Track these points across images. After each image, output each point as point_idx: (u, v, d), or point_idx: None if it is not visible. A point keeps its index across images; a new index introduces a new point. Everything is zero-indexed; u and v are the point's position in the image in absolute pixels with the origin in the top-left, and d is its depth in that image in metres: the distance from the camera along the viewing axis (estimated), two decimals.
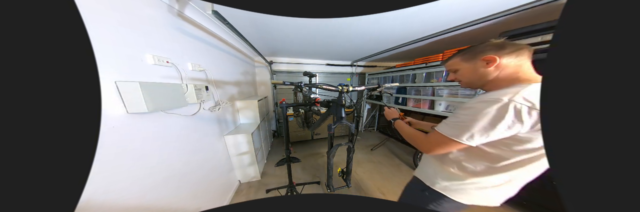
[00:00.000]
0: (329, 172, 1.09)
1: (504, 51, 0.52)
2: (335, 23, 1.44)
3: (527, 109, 0.44)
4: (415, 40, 1.81)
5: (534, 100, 0.44)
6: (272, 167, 2.27)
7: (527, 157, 0.50)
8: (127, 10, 0.72)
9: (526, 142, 0.48)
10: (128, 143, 0.69)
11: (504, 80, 0.54)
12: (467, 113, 0.51)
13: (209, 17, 1.24)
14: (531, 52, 0.53)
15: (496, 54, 0.53)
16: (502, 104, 0.45)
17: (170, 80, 0.94)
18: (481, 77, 0.57)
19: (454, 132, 0.52)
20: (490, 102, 0.47)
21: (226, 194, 1.61)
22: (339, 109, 0.97)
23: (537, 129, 0.45)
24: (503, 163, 0.53)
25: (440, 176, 0.68)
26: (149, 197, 0.79)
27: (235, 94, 1.94)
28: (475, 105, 0.50)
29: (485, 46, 0.56)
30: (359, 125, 3.76)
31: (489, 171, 0.57)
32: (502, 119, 0.45)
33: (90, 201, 0.57)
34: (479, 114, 0.48)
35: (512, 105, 0.44)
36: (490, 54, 0.53)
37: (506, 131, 0.47)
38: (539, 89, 0.45)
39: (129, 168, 0.70)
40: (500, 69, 0.54)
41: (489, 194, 0.62)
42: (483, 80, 0.58)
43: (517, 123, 0.45)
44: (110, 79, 0.63)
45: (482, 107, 0.48)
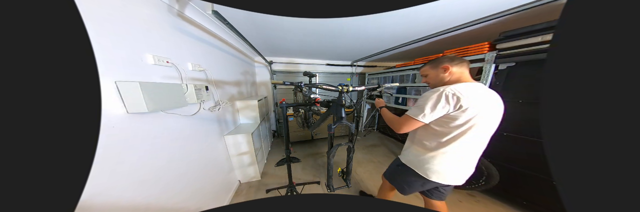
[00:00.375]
0: (329, 172, 1.09)
1: (454, 62, 0.79)
2: (335, 23, 1.44)
3: (451, 95, 0.69)
4: (415, 40, 1.81)
5: (456, 90, 0.70)
6: (272, 167, 2.27)
7: (458, 132, 0.75)
8: (127, 10, 0.72)
9: (455, 120, 0.72)
10: (128, 143, 0.69)
11: (453, 82, 0.79)
12: (422, 100, 0.76)
13: (209, 17, 1.24)
14: (469, 64, 0.82)
15: (449, 64, 0.79)
16: (439, 92, 0.72)
17: (170, 81, 0.94)
18: (441, 79, 0.83)
19: (415, 112, 0.76)
20: (434, 91, 0.73)
21: (226, 194, 1.61)
22: (339, 109, 0.97)
23: (459, 109, 0.70)
24: (446, 138, 0.77)
25: (409, 154, 0.93)
26: (148, 197, 0.79)
27: (235, 94, 1.94)
28: (427, 94, 0.75)
29: (443, 58, 0.82)
30: (359, 125, 3.76)
31: (438, 146, 0.80)
32: (439, 101, 0.71)
33: (90, 201, 0.57)
34: (428, 99, 0.73)
35: (443, 92, 0.71)
36: (446, 64, 0.80)
37: (442, 110, 0.71)
38: (466, 86, 0.73)
39: (128, 168, 0.70)
40: (451, 74, 0.80)
41: (446, 171, 0.83)
42: (442, 82, 0.83)
43: (446, 104, 0.70)
44: (110, 79, 0.63)
45: (429, 95, 0.73)
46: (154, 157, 0.82)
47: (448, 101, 0.70)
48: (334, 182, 1.14)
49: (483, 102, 0.72)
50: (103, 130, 0.59)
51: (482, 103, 0.71)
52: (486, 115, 0.73)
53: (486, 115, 0.73)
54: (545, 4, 1.03)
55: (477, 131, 0.75)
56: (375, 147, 2.98)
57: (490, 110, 0.74)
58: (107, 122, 0.62)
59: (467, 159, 0.83)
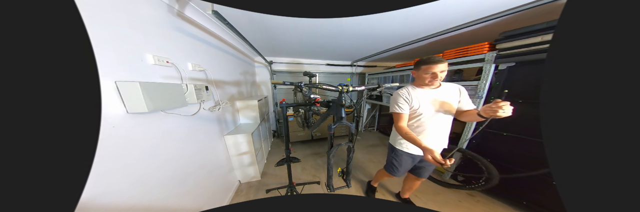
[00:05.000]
0: (329, 172, 1.09)
1: (417, 67, 1.02)
2: (335, 23, 1.44)
3: (406, 95, 1.06)
4: (415, 40, 1.81)
5: (408, 91, 1.07)
6: (272, 167, 2.27)
7: (417, 123, 1.08)
8: (127, 10, 0.72)
9: (415, 114, 1.07)
10: (128, 143, 0.69)
11: (416, 83, 1.10)
12: (392, 98, 1.12)
13: (209, 17, 1.24)
14: (425, 70, 0.98)
15: (414, 69, 1.06)
16: (397, 92, 1.09)
17: (171, 81, 0.94)
18: (415, 79, 1.10)
19: (391, 108, 1.11)
20: (396, 93, 1.10)
21: (226, 194, 1.61)
22: (339, 109, 0.97)
23: (413, 107, 1.05)
24: (413, 127, 1.10)
25: (393, 137, 1.26)
26: (148, 197, 0.79)
27: (235, 94, 1.94)
28: (394, 94, 1.11)
29: (416, 63, 1.03)
30: (359, 125, 3.76)
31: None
32: (399, 98, 1.07)
33: (90, 201, 0.57)
34: (393, 98, 1.11)
35: (400, 92, 1.08)
36: (413, 69, 1.07)
37: (404, 105, 1.05)
38: (415, 87, 1.08)
39: (128, 168, 0.70)
40: (415, 76, 1.07)
41: (406, 142, 1.17)
42: (416, 81, 1.10)
43: (405, 101, 1.05)
44: (110, 79, 0.63)
45: (394, 95, 1.11)
46: (154, 157, 0.82)
47: (405, 99, 1.07)
48: (334, 182, 1.14)
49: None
50: (103, 130, 0.59)
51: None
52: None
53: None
54: (545, 4, 1.03)
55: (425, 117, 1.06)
56: (375, 147, 2.98)
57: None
58: (107, 122, 0.62)
59: (423, 136, 1.11)
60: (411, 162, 1.24)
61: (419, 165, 1.28)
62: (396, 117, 1.08)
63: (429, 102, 1.04)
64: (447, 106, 1.04)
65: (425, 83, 1.02)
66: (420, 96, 1.04)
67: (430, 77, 0.98)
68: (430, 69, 0.95)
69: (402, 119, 1.05)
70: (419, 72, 1.02)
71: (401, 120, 1.05)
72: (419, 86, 1.08)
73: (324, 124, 1.29)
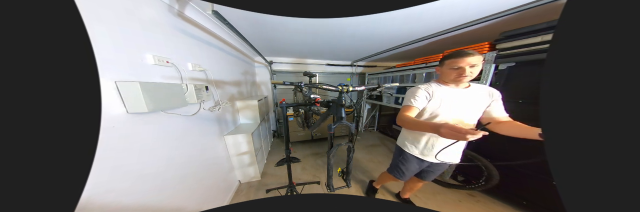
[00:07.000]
0: (329, 172, 1.09)
1: (441, 63, 0.91)
2: (335, 23, 1.44)
3: (429, 89, 0.92)
4: (415, 40, 1.81)
5: (432, 87, 0.93)
6: (272, 167, 2.27)
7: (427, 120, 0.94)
8: (127, 10, 0.71)
9: (431, 115, 0.93)
10: (128, 143, 0.69)
11: (441, 80, 0.96)
12: (409, 91, 0.98)
13: (209, 17, 1.24)
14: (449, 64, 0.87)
15: (438, 65, 0.94)
16: (418, 85, 0.97)
17: (171, 81, 0.94)
18: (440, 75, 0.97)
19: (405, 101, 0.94)
20: (416, 86, 0.97)
21: (226, 194, 1.61)
22: (339, 109, 0.97)
23: (431, 106, 0.91)
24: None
25: (402, 138, 1.16)
26: (148, 197, 0.79)
27: (235, 94, 1.94)
28: (413, 87, 0.98)
29: (441, 59, 0.91)
30: (359, 125, 3.76)
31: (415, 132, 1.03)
32: (418, 90, 0.92)
33: (90, 201, 0.57)
34: (411, 91, 0.96)
35: (421, 86, 0.96)
36: (437, 66, 0.95)
37: (421, 99, 0.90)
38: (441, 85, 0.94)
39: (128, 168, 0.70)
40: (440, 73, 0.95)
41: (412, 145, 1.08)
42: (441, 78, 0.97)
43: (424, 96, 0.91)
44: (110, 79, 0.63)
45: (414, 88, 0.97)
46: (154, 157, 0.82)
47: (424, 94, 0.94)
48: (334, 182, 1.14)
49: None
50: (103, 130, 0.59)
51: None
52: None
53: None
54: (545, 4, 1.03)
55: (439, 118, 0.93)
56: (375, 147, 2.98)
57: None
58: (107, 122, 0.62)
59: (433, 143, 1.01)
60: (418, 167, 1.14)
61: (427, 169, 1.19)
62: (405, 109, 0.89)
63: (452, 103, 0.88)
64: (471, 111, 0.89)
65: (450, 79, 0.88)
66: (443, 94, 0.89)
67: (457, 73, 0.83)
68: (456, 63, 0.80)
69: (410, 111, 0.87)
70: (443, 68, 0.88)
71: (409, 112, 0.87)
72: (444, 83, 0.93)
73: (324, 124, 1.28)
